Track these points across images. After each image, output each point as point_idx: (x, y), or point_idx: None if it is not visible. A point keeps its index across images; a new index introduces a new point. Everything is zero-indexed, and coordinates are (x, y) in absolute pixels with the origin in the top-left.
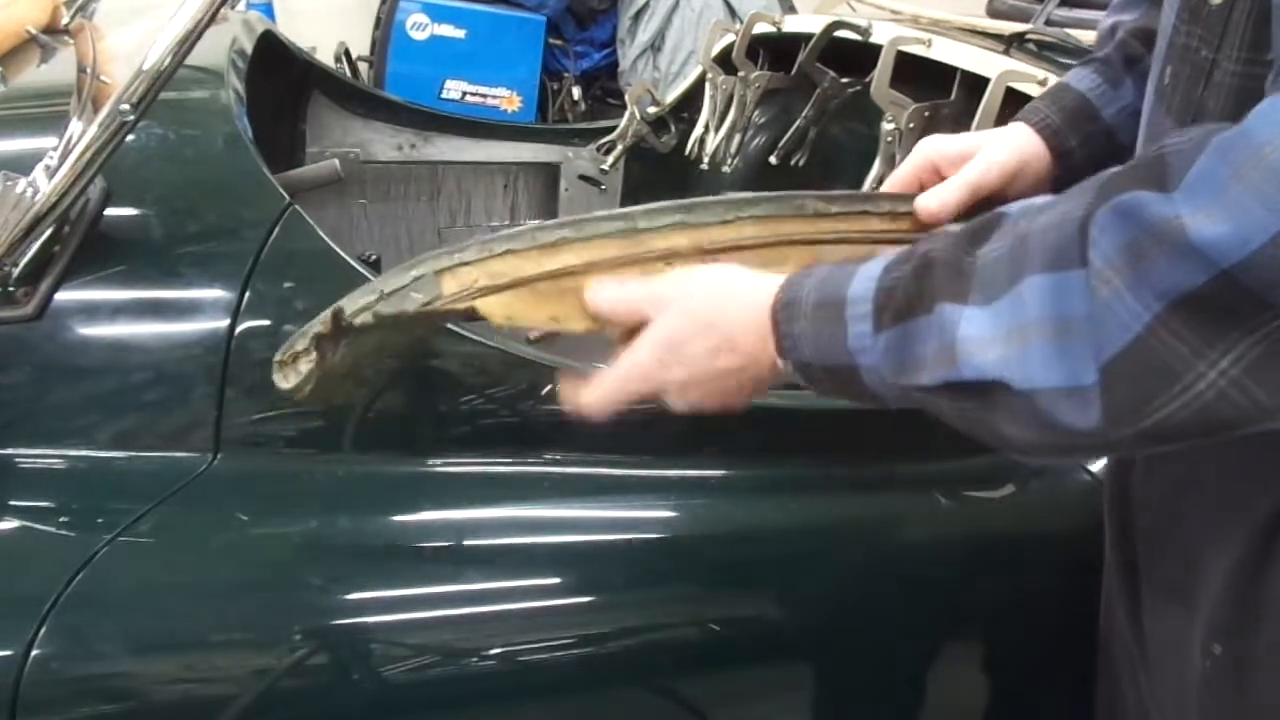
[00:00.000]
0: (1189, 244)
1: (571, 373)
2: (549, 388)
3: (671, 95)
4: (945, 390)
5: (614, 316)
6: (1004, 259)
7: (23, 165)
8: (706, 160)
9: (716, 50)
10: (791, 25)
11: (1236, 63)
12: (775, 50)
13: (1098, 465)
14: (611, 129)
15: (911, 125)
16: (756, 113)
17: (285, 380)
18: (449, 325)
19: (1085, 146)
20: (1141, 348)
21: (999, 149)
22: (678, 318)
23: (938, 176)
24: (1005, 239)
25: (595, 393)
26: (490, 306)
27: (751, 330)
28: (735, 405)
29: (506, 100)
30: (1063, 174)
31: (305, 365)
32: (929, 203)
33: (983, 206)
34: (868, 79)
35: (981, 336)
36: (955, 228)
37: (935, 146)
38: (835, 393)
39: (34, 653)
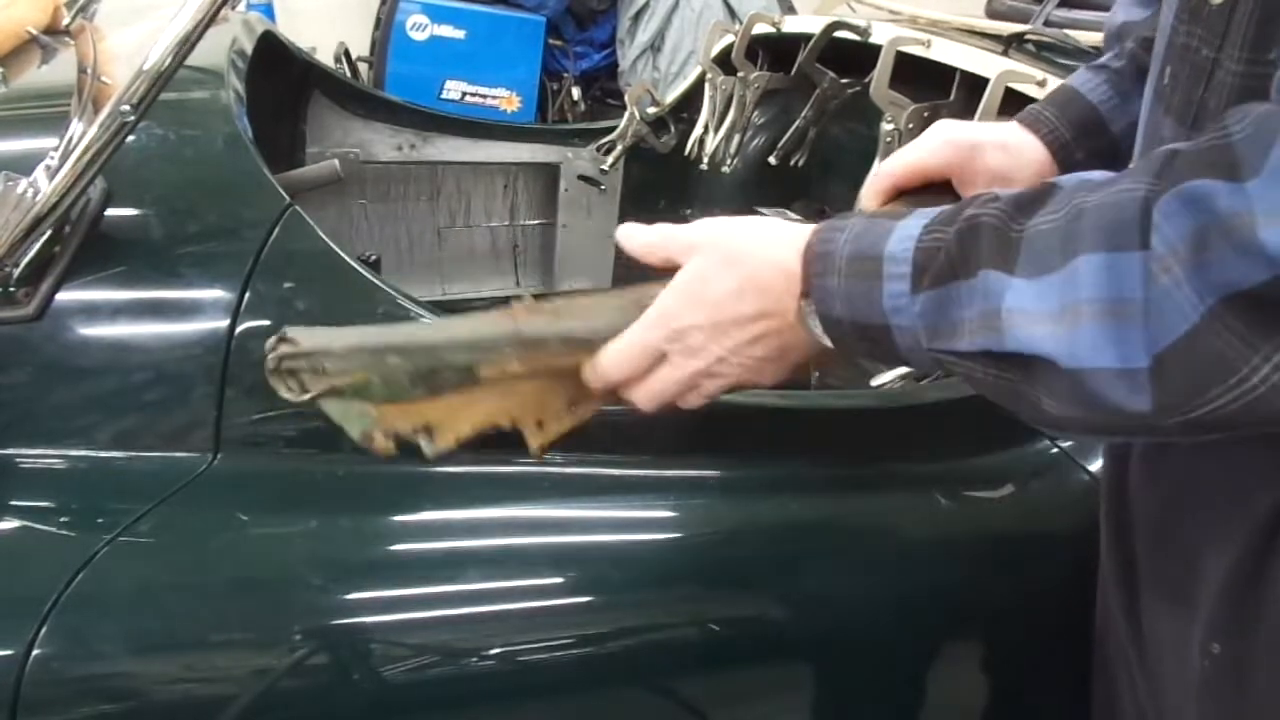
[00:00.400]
0: (1257, 243)
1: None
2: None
3: (671, 96)
4: (983, 358)
5: (647, 259)
6: (1055, 232)
7: (24, 166)
8: (706, 160)
9: (716, 51)
10: (791, 26)
11: (1238, 63)
12: (775, 51)
13: (1095, 465)
14: (611, 129)
15: (911, 125)
16: (756, 113)
17: (289, 392)
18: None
19: (1091, 159)
20: (1198, 338)
21: None
22: (703, 256)
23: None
24: (1057, 212)
25: (614, 349)
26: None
27: (779, 273)
28: (763, 379)
29: (506, 100)
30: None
31: (313, 384)
32: None
33: None
34: (867, 79)
35: (1029, 310)
36: (1002, 191)
37: (955, 153)
38: (862, 352)
39: (35, 653)
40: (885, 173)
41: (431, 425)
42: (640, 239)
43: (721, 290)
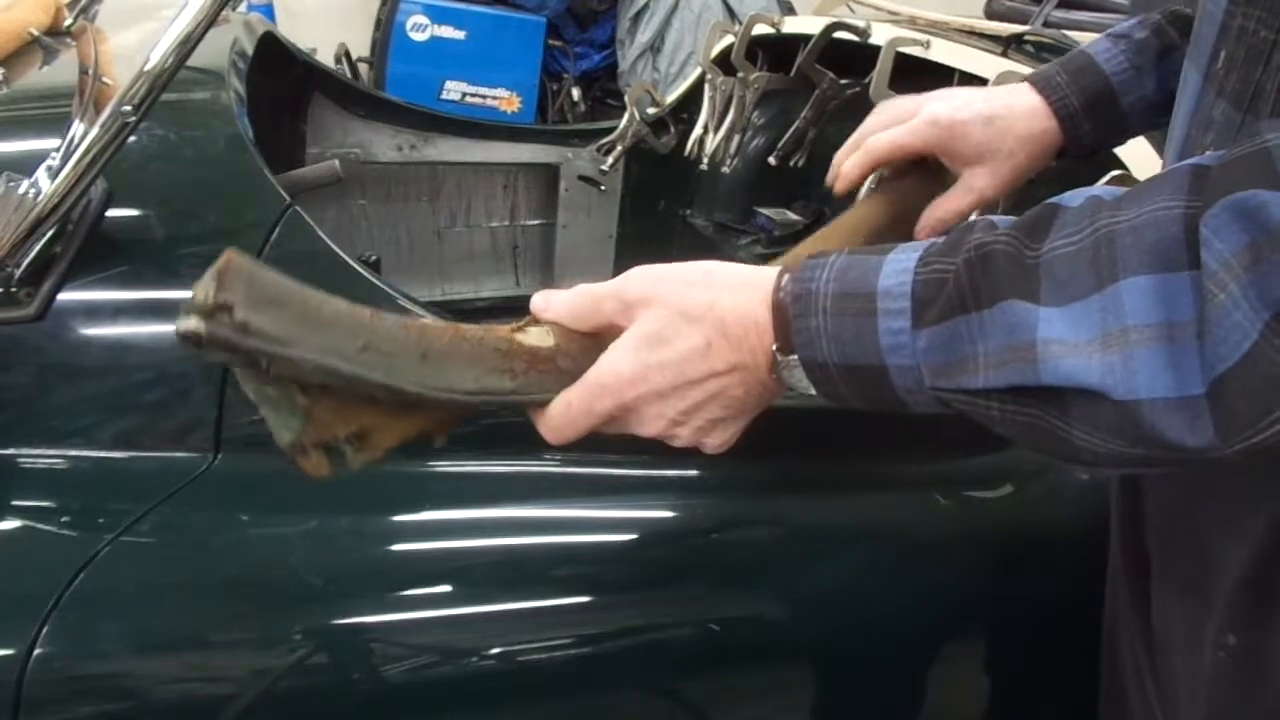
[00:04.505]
0: None
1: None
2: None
3: (671, 96)
4: (1002, 394)
5: (579, 328)
6: (1081, 256)
7: (25, 166)
8: (706, 161)
9: (716, 51)
10: (790, 26)
11: None
12: (774, 51)
13: None
14: (611, 130)
15: None
16: (755, 114)
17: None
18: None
19: (1097, 131)
20: (1259, 357)
21: (998, 173)
22: (654, 314)
23: (937, 160)
24: (1076, 234)
25: (558, 418)
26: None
27: (749, 324)
28: (721, 439)
29: (506, 101)
30: (1070, 149)
31: (239, 360)
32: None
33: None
34: (866, 80)
35: (1067, 339)
36: (1000, 219)
37: (936, 132)
38: (851, 396)
39: (36, 652)
40: (869, 148)
41: (365, 431)
42: (566, 308)
43: (685, 349)
